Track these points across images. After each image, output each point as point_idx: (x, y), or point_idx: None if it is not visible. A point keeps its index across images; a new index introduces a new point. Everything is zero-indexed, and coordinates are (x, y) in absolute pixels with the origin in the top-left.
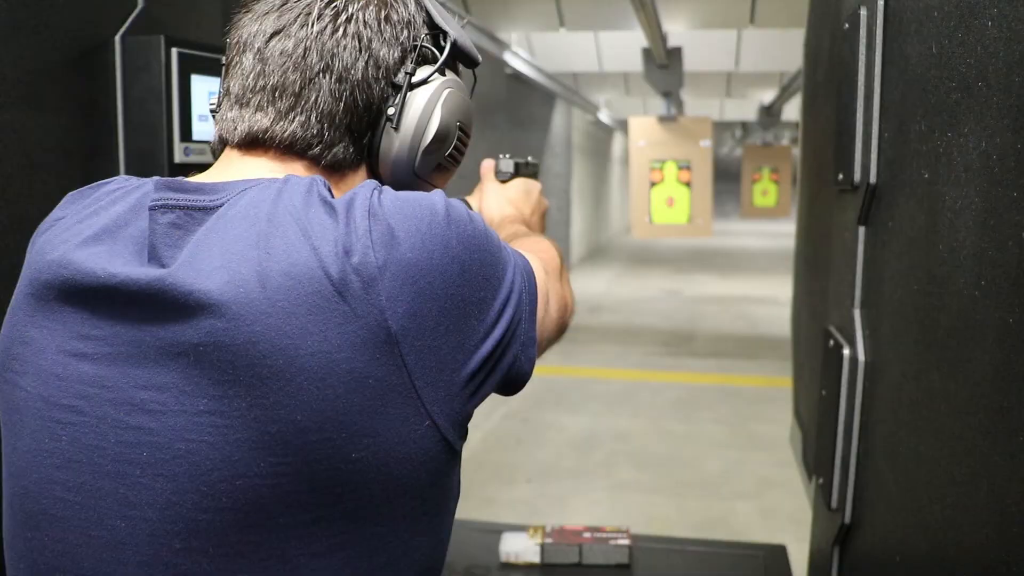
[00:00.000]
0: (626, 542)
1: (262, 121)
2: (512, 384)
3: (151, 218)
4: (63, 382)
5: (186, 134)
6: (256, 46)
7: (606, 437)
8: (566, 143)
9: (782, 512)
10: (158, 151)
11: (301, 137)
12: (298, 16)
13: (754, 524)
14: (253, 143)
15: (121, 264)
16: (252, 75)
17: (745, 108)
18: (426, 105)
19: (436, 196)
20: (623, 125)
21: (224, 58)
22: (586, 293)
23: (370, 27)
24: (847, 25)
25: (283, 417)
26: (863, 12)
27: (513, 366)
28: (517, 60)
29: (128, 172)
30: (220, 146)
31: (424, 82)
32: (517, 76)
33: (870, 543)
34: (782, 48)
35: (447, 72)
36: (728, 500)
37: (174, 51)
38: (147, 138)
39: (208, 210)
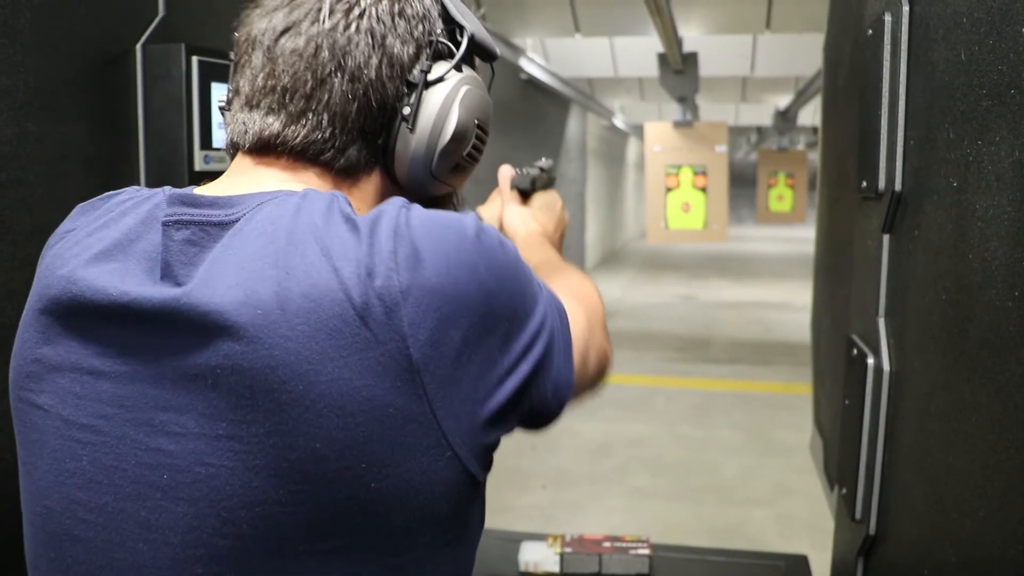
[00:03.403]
0: (646, 552)
1: (273, 125)
2: (537, 421)
3: (165, 234)
4: (81, 400)
5: (206, 142)
6: (266, 44)
7: (621, 443)
8: (581, 148)
9: (799, 519)
10: (178, 159)
11: (313, 141)
12: (308, 12)
13: (770, 531)
14: (265, 148)
15: (134, 283)
16: (262, 75)
17: (760, 113)
18: (443, 104)
19: (468, 219)
20: (638, 130)
21: (233, 55)
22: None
23: (383, 22)
24: (871, 31)
25: (302, 445)
26: (887, 18)
27: (541, 405)
28: (532, 66)
29: (148, 180)
30: (233, 150)
31: (440, 79)
32: (532, 81)
33: (896, 555)
34: (798, 52)
35: (464, 68)
36: (744, 507)
37: (194, 59)
38: (167, 146)
39: (224, 225)
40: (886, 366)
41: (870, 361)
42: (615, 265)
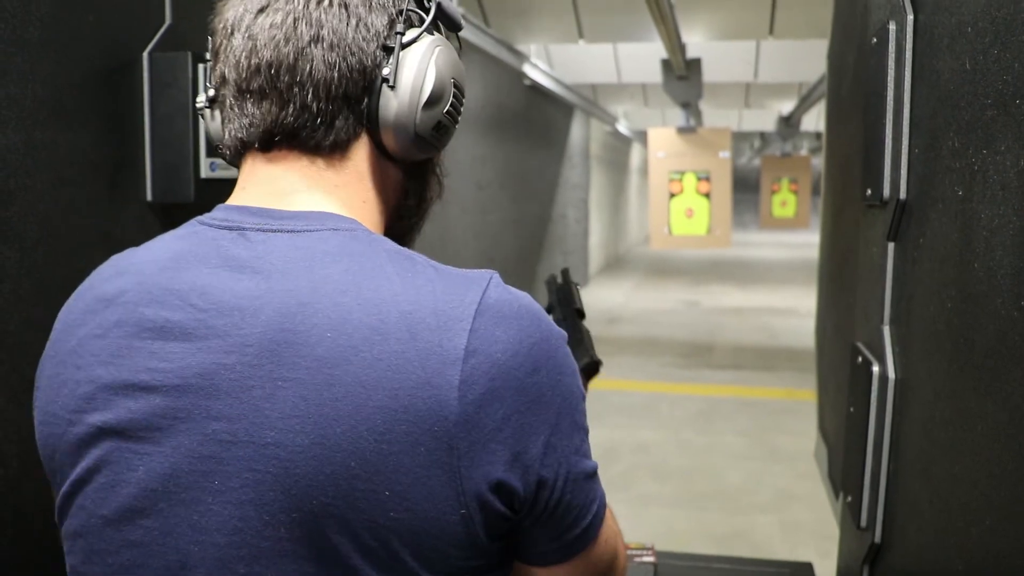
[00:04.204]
0: (651, 559)
1: (272, 111)
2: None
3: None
4: (135, 415)
5: (212, 149)
6: (244, 24)
7: (626, 449)
8: (584, 154)
9: (803, 525)
10: (184, 166)
11: (305, 121)
12: None
13: (775, 537)
14: (269, 142)
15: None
16: (244, 55)
17: (764, 118)
18: (420, 62)
19: (552, 328)
20: (641, 136)
21: (210, 45)
22: (604, 304)
23: None
24: (875, 39)
25: (339, 460)
26: (892, 26)
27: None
28: (536, 72)
29: (155, 186)
30: (240, 148)
31: (415, 41)
32: (536, 87)
33: (902, 564)
34: (801, 58)
35: (436, 34)
36: (749, 513)
37: (201, 67)
38: (174, 153)
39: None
40: (891, 374)
41: (875, 369)
42: (619, 271)
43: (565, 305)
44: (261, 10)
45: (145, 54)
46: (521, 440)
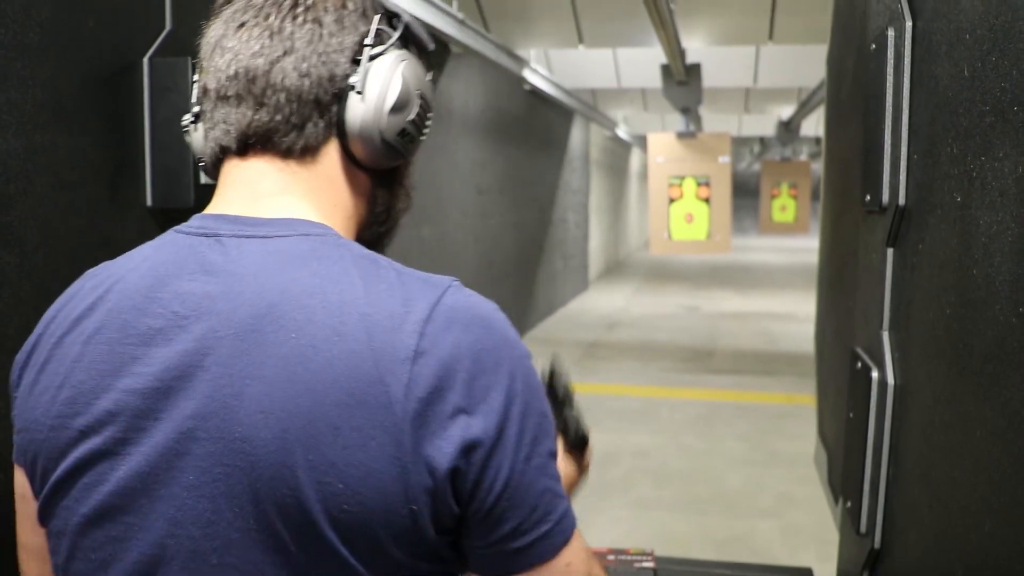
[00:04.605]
0: (650, 565)
1: (247, 114)
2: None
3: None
4: (115, 418)
5: None
6: (224, 40)
7: (625, 454)
8: (584, 159)
9: (804, 530)
10: (184, 171)
11: (278, 125)
12: (261, 9)
13: (775, 542)
14: (246, 146)
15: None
16: (223, 65)
17: (764, 123)
18: (386, 71)
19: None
20: (641, 141)
21: (198, 64)
22: (604, 309)
23: (328, 13)
24: (874, 45)
25: (299, 454)
26: (891, 33)
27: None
28: (536, 76)
29: (155, 191)
30: (220, 154)
31: (382, 54)
32: (535, 92)
33: (902, 569)
34: (801, 64)
35: (403, 51)
36: (749, 518)
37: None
38: (174, 158)
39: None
40: (890, 379)
41: (874, 374)
42: (618, 276)
43: (550, 396)
44: (240, 27)
45: (145, 59)
46: (466, 437)
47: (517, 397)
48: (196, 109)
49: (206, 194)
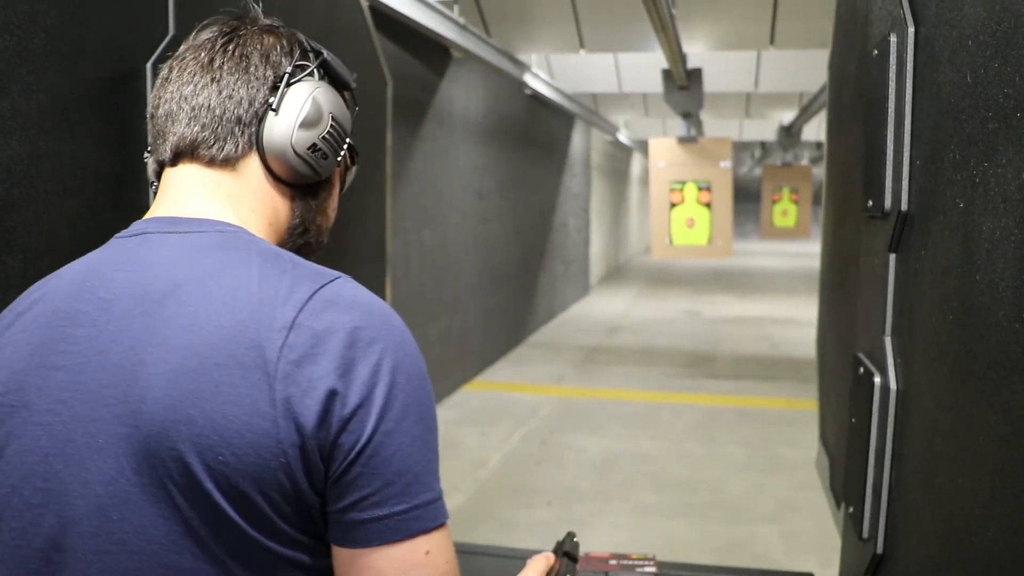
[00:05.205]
0: (652, 570)
1: (177, 129)
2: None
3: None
4: (41, 392)
5: None
6: (170, 74)
7: (626, 459)
8: (585, 163)
9: (805, 536)
10: None
11: (203, 139)
12: (200, 49)
13: (776, 548)
14: (176, 156)
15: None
16: (166, 94)
17: (765, 128)
18: (300, 92)
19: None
20: (642, 145)
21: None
22: (605, 314)
23: (255, 51)
24: (876, 51)
25: (183, 409)
26: (893, 39)
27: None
28: (537, 81)
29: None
30: (159, 169)
31: (299, 81)
32: (536, 97)
33: (904, 574)
34: (802, 69)
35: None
36: (750, 523)
37: None
38: None
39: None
40: (893, 385)
41: (877, 379)
42: (619, 280)
43: (565, 555)
44: (181, 63)
45: (149, 65)
46: (329, 399)
47: (386, 374)
48: (150, 142)
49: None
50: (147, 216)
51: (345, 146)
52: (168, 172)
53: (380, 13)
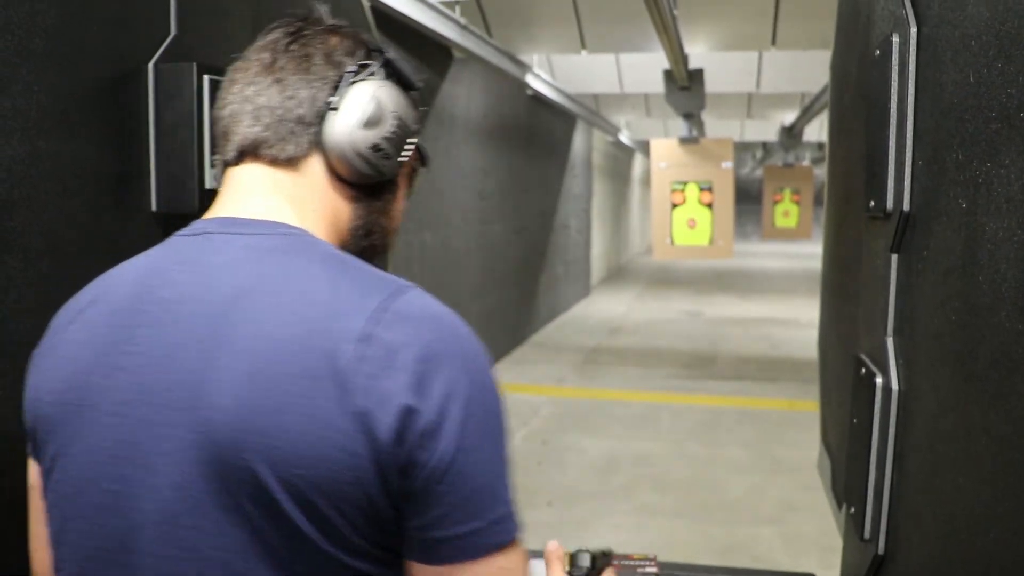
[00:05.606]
0: (653, 570)
1: (242, 130)
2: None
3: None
4: (105, 392)
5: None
6: (234, 75)
7: (627, 460)
8: (586, 164)
9: (806, 537)
10: (189, 176)
11: (265, 139)
12: (263, 50)
13: (777, 549)
14: (240, 156)
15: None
16: (230, 94)
17: (766, 129)
18: (363, 92)
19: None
20: (643, 146)
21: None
22: (606, 315)
23: (318, 50)
24: (878, 51)
25: (257, 420)
26: (895, 39)
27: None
28: (538, 82)
29: (159, 197)
30: (223, 169)
31: (363, 80)
32: (538, 98)
33: None
34: (803, 69)
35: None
36: (751, 525)
37: (206, 78)
38: (178, 164)
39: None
40: (895, 386)
41: (878, 380)
42: (620, 281)
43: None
44: (245, 64)
45: (150, 65)
46: (407, 415)
47: (462, 390)
48: (216, 140)
49: (210, 199)
50: (208, 215)
51: (410, 146)
52: (231, 171)
53: (382, 13)
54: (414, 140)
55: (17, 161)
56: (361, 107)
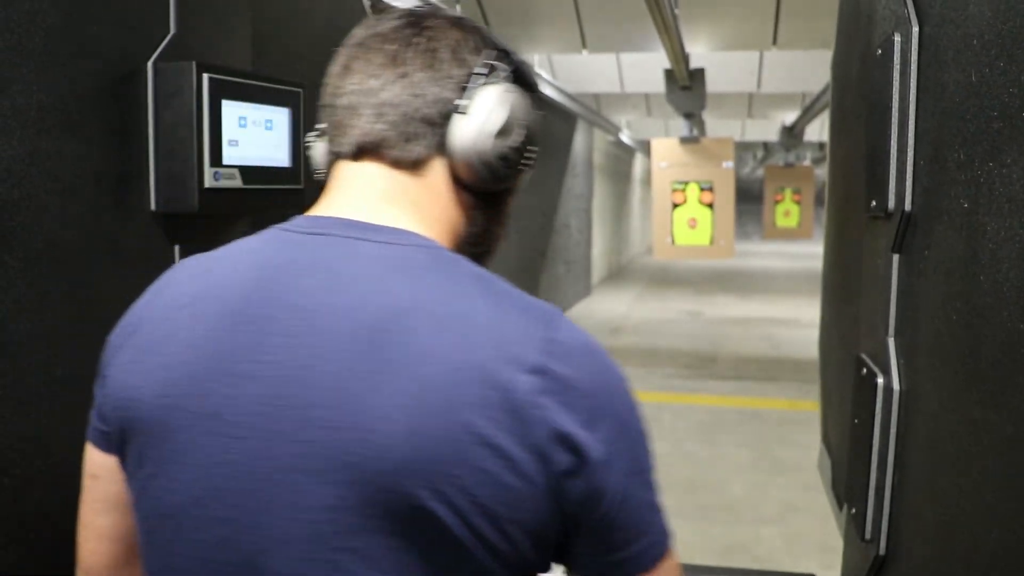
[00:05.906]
0: None
1: (364, 126)
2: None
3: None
4: (230, 402)
5: (216, 159)
6: (352, 63)
7: None
8: (587, 164)
9: (807, 538)
10: (188, 176)
11: (387, 137)
12: (386, 39)
13: (778, 550)
14: (358, 153)
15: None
16: (349, 84)
17: (767, 128)
18: (493, 97)
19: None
20: (644, 146)
21: (324, 86)
22: (607, 314)
23: (444, 45)
24: (879, 51)
25: (430, 448)
26: (897, 38)
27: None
28: (539, 81)
29: (159, 197)
30: (333, 160)
31: (491, 84)
32: (539, 97)
33: None
34: (804, 69)
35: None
36: (752, 525)
37: (205, 77)
38: (178, 163)
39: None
40: (896, 386)
41: (879, 380)
42: (621, 281)
43: None
44: (366, 53)
45: (149, 64)
46: (579, 453)
47: (623, 422)
48: (321, 126)
49: (211, 199)
50: (319, 212)
51: (532, 154)
52: (346, 166)
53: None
54: (536, 148)
55: (17, 160)
56: (493, 114)
